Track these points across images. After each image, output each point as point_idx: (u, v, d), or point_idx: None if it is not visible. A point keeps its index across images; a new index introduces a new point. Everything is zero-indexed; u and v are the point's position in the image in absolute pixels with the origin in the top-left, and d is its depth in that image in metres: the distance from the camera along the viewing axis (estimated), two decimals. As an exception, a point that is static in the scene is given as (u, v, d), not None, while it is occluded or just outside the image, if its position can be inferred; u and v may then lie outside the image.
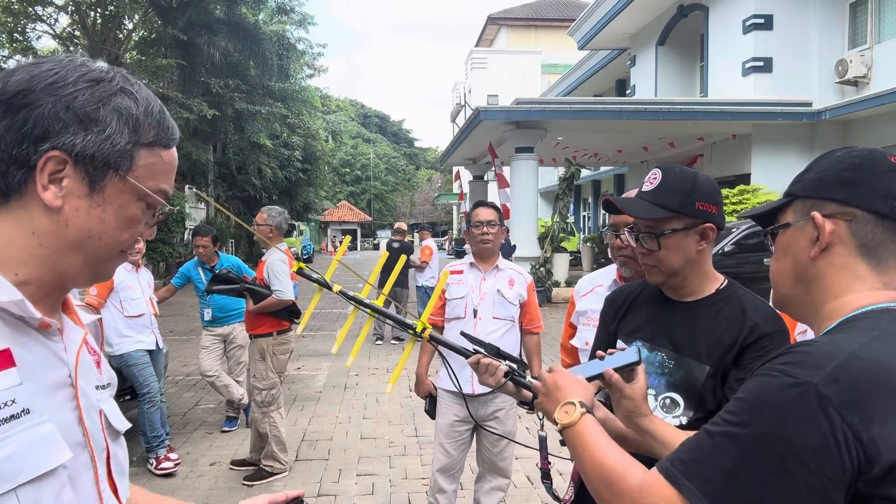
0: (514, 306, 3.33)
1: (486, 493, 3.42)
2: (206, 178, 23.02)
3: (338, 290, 1.71)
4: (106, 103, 0.84)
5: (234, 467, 4.71)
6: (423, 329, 1.67)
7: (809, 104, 13.13)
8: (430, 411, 3.52)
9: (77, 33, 18.30)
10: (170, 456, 4.70)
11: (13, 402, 0.76)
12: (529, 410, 1.59)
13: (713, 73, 15.10)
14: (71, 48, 18.09)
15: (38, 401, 0.79)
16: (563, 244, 17.15)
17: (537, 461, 1.60)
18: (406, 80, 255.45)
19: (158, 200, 0.89)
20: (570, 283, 14.55)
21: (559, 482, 3.85)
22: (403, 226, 10.58)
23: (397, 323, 1.72)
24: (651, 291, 1.74)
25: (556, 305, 13.78)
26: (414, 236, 29.03)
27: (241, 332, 5.59)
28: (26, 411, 0.77)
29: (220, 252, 5.69)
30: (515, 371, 1.60)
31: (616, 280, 2.52)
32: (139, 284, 4.82)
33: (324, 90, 36.25)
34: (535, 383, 1.39)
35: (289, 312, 4.53)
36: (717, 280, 1.66)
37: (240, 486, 4.42)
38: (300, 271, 1.76)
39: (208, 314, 5.56)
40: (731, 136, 14.47)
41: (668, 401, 1.62)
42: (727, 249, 10.26)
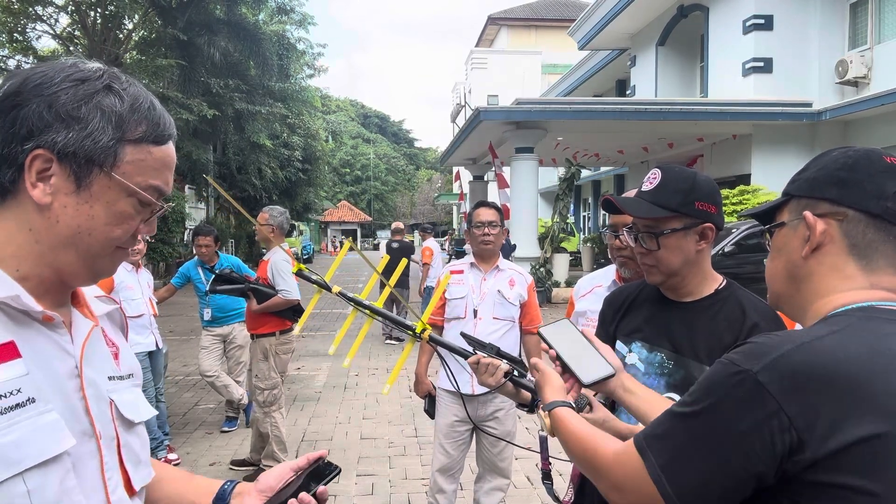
0: (514, 307, 3.33)
1: (486, 494, 3.42)
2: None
3: (337, 291, 1.71)
4: (88, 101, 0.85)
5: (233, 467, 4.71)
6: (423, 330, 1.68)
7: (809, 104, 13.13)
8: (430, 411, 3.52)
9: (77, 33, 18.29)
10: (169, 457, 4.70)
11: (18, 391, 0.79)
12: (528, 411, 1.59)
13: (713, 74, 15.10)
14: (71, 48, 18.09)
15: (43, 390, 0.82)
16: (563, 244, 17.16)
17: (537, 462, 1.60)
18: (406, 80, 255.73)
19: (147, 197, 0.89)
20: (570, 284, 14.55)
21: (559, 483, 3.85)
22: (401, 225, 10.54)
23: (396, 324, 1.72)
24: (650, 292, 1.73)
25: (556, 306, 13.78)
26: (415, 236, 29.00)
27: (240, 332, 5.59)
28: (31, 400, 0.80)
29: (219, 252, 5.70)
30: (515, 371, 1.60)
31: (615, 280, 2.52)
32: (139, 284, 4.82)
33: (324, 90, 36.25)
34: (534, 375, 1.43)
35: (293, 312, 4.53)
36: (716, 280, 1.66)
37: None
38: (300, 272, 1.76)
39: (208, 314, 5.56)
40: (731, 137, 14.47)
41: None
42: (727, 250, 10.26)
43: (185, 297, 12.15)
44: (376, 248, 49.70)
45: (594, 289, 2.61)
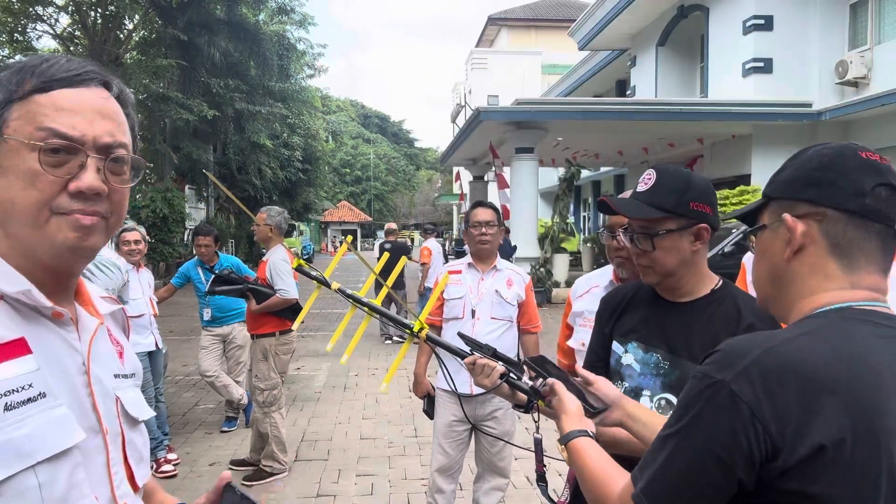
0: (512, 307, 3.33)
1: (485, 493, 3.43)
2: (206, 178, 23.02)
3: (336, 287, 1.72)
4: None
5: (233, 467, 4.71)
6: (420, 329, 1.68)
7: (809, 105, 13.13)
8: (429, 411, 3.52)
9: (77, 33, 18.29)
10: (169, 457, 4.71)
11: (30, 385, 0.81)
12: (524, 412, 1.60)
13: (713, 74, 15.10)
14: (71, 48, 18.09)
15: (53, 386, 0.84)
16: (563, 245, 17.14)
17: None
18: (406, 81, 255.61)
19: (36, 144, 0.85)
20: (569, 284, 14.49)
21: (558, 482, 3.86)
22: (394, 226, 10.49)
23: (394, 322, 1.73)
24: (646, 292, 1.74)
25: (556, 306, 13.79)
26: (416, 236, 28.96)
27: (240, 332, 5.60)
28: (42, 395, 0.82)
29: (219, 252, 5.71)
30: (511, 373, 1.60)
31: (613, 281, 2.52)
32: (139, 284, 4.82)
33: (324, 90, 36.26)
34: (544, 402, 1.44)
35: (293, 311, 4.54)
36: (712, 280, 1.66)
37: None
38: (299, 268, 1.77)
39: (208, 314, 5.57)
40: (730, 137, 14.47)
41: (663, 402, 1.62)
42: (727, 250, 10.26)
43: (185, 297, 12.14)
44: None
45: (591, 289, 2.61)
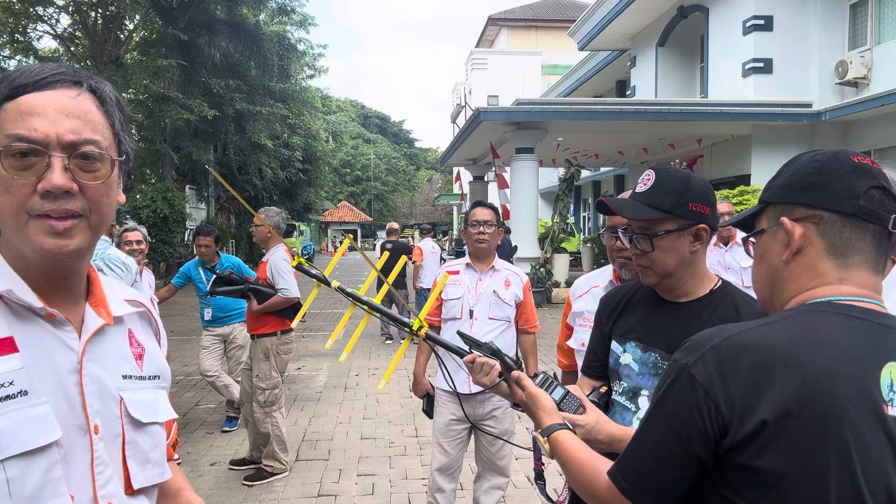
0: (510, 307, 3.34)
1: (486, 493, 3.43)
2: (206, 178, 23.05)
3: (336, 285, 1.73)
4: None
5: (233, 467, 4.72)
6: (420, 327, 1.69)
7: (809, 105, 13.13)
8: (428, 411, 3.53)
9: (78, 34, 18.32)
10: (170, 456, 4.71)
11: (11, 383, 0.83)
12: (523, 411, 1.60)
13: (713, 74, 15.10)
14: (72, 48, 18.11)
15: (38, 384, 0.85)
16: (563, 245, 17.16)
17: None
18: (406, 81, 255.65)
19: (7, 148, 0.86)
20: (570, 284, 14.46)
21: (557, 482, 3.87)
22: (395, 225, 10.49)
23: (394, 321, 1.74)
24: (645, 292, 1.74)
25: (556, 306, 13.79)
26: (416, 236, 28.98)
27: (241, 332, 5.61)
28: (23, 392, 0.83)
29: (220, 252, 5.71)
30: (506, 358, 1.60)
31: (612, 281, 2.52)
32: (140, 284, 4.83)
33: (324, 91, 36.27)
34: (519, 394, 1.49)
35: (294, 311, 4.54)
36: (711, 281, 1.67)
37: (240, 486, 4.43)
38: (299, 266, 1.77)
39: (208, 314, 5.57)
40: (730, 137, 14.46)
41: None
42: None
43: (185, 297, 12.17)
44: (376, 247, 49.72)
45: (591, 289, 2.61)
